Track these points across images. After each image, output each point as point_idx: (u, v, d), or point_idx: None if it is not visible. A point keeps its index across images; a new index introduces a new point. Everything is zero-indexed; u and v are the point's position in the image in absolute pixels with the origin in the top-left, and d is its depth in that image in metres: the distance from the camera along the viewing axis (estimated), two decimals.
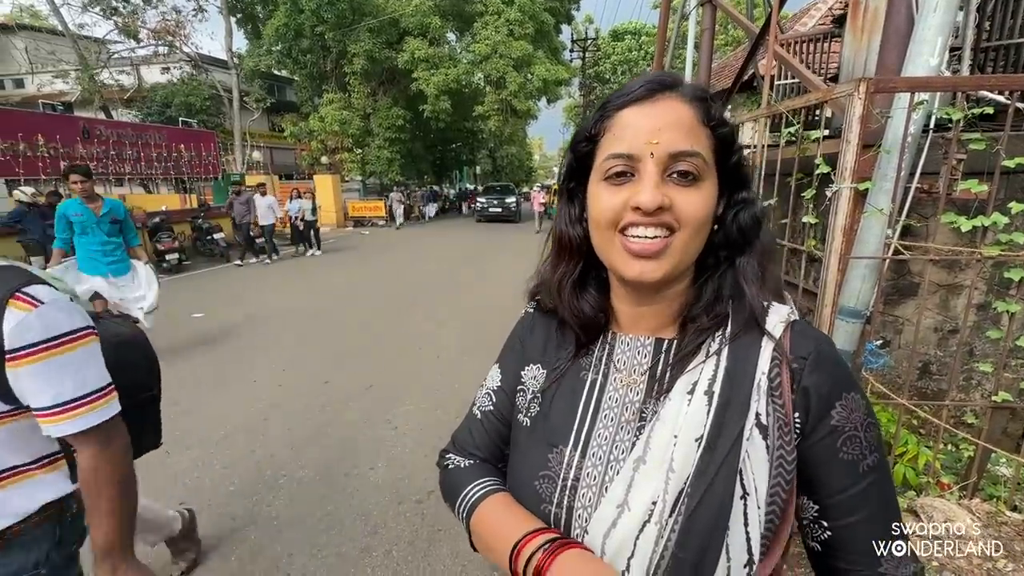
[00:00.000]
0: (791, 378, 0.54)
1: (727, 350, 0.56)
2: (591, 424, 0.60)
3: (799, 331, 0.57)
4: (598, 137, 0.57)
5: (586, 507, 0.56)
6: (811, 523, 0.56)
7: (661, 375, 0.59)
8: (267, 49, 18.83)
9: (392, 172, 20.31)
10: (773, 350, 0.55)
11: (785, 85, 5.11)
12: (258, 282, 8.48)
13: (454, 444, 0.76)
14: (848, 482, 0.53)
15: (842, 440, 0.53)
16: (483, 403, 0.73)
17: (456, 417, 3.45)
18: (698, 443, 0.52)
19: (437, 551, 2.23)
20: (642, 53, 27.89)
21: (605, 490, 0.55)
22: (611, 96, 0.58)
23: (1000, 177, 1.92)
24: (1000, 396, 1.95)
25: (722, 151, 0.56)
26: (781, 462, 0.52)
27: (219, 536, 2.30)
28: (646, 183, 0.52)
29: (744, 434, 0.52)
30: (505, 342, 0.76)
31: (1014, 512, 2.18)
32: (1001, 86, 1.90)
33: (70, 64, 17.65)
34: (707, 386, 0.55)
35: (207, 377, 4.21)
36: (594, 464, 0.57)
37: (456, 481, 0.69)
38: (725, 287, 0.58)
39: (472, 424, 0.74)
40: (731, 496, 0.50)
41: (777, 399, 0.53)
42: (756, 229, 0.58)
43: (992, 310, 2.49)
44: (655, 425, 0.55)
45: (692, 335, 0.58)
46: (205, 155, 13.08)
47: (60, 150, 9.39)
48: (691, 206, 0.53)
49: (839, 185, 1.85)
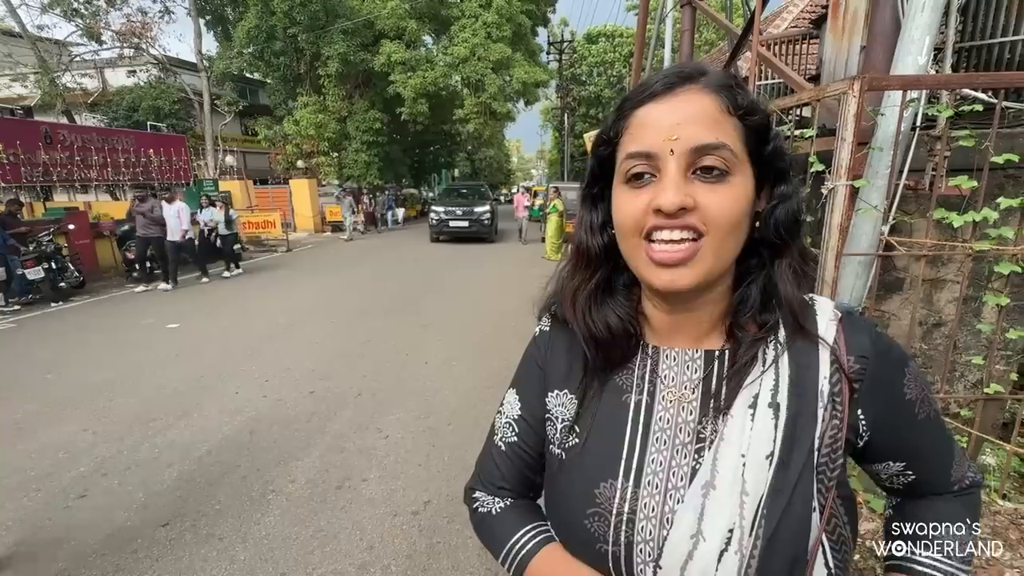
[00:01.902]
0: (850, 381, 0.52)
1: (785, 357, 0.53)
2: (642, 450, 0.56)
3: (850, 326, 0.55)
4: (617, 139, 0.54)
5: (647, 540, 0.51)
6: (896, 475, 0.60)
7: (716, 390, 0.55)
8: (238, 51, 18.39)
9: (370, 175, 19.99)
10: (831, 354, 0.52)
11: (764, 86, 5.19)
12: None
13: (480, 480, 0.70)
14: (929, 436, 0.59)
15: (918, 405, 0.56)
16: (505, 433, 0.68)
17: (448, 425, 3.41)
18: (769, 460, 0.49)
19: (437, 564, 2.16)
20: (617, 55, 28.18)
21: (667, 521, 0.51)
22: (629, 94, 0.54)
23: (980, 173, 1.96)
24: (992, 387, 1.98)
25: (756, 141, 0.51)
26: (824, 469, 0.50)
27: (206, 558, 2.20)
28: (667, 182, 0.48)
29: (815, 445, 0.50)
30: (519, 365, 0.70)
31: (1004, 500, 2.23)
32: (989, 84, 1.94)
33: (29, 67, 16.91)
34: (770, 398, 0.51)
35: (186, 390, 4.04)
36: (651, 494, 0.53)
37: (496, 529, 0.66)
38: (771, 290, 0.54)
39: (496, 456, 0.69)
40: (809, 513, 0.48)
41: (838, 406, 0.51)
42: (795, 226, 0.54)
43: (975, 303, 2.55)
44: (720, 446, 0.51)
45: (747, 344, 0.54)
46: (176, 160, 12.69)
47: (20, 156, 8.97)
48: (719, 206, 0.48)
49: (835, 182, 1.86)
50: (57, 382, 4.27)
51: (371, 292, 7.90)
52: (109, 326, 6.09)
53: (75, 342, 5.38)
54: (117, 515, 2.49)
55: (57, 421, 3.51)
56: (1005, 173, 2.36)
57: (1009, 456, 2.15)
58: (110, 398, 3.90)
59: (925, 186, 2.34)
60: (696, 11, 5.40)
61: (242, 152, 22.24)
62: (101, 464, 2.95)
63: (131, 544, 2.28)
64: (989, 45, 2.40)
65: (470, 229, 14.18)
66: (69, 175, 10.03)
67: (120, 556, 2.21)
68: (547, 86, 24.60)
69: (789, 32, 5.82)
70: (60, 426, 3.43)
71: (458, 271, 9.88)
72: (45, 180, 9.67)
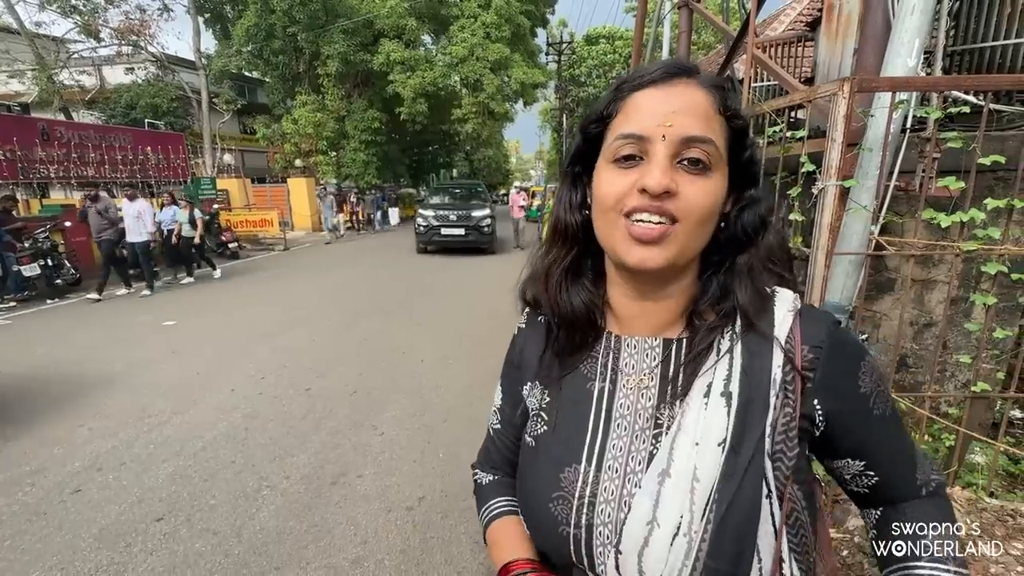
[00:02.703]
0: (800, 371, 0.53)
1: (739, 347, 0.54)
2: (604, 436, 0.57)
3: (807, 317, 0.56)
4: (610, 118, 0.55)
5: (606, 523, 0.53)
6: (858, 475, 0.59)
7: (674, 377, 0.57)
8: (237, 50, 18.37)
9: (368, 175, 19.97)
10: (785, 342, 0.54)
11: (759, 87, 5.22)
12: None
13: (479, 459, 0.80)
14: (886, 433, 0.58)
15: (872, 400, 0.56)
16: (492, 421, 0.76)
17: (444, 422, 3.42)
18: (721, 447, 0.51)
19: (431, 559, 2.18)
20: (617, 56, 28.25)
21: (625, 504, 0.53)
22: (626, 77, 0.56)
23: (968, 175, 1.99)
24: (979, 386, 2.01)
25: (735, 144, 0.54)
26: (781, 455, 0.51)
27: (200, 552, 2.21)
28: (655, 165, 0.50)
29: (766, 431, 0.51)
30: (504, 358, 0.75)
31: (991, 498, 2.26)
32: (976, 87, 1.97)
33: (26, 64, 16.85)
34: (723, 387, 0.53)
35: (181, 387, 4.05)
36: (611, 478, 0.55)
37: (480, 495, 0.76)
38: (730, 283, 0.56)
39: (488, 441, 0.78)
40: (759, 497, 0.49)
41: (790, 394, 0.52)
42: (761, 229, 0.57)
43: (965, 303, 2.58)
44: (677, 436, 0.53)
45: (703, 333, 0.56)
46: (173, 158, 12.67)
47: (17, 152, 8.96)
48: (698, 195, 0.50)
49: (825, 183, 1.88)
50: (53, 378, 4.27)
51: (366, 294, 7.90)
52: (105, 323, 6.08)
53: (71, 339, 5.37)
54: (111, 509, 2.50)
55: (53, 417, 3.52)
56: (994, 175, 2.40)
57: (996, 453, 2.18)
58: (106, 394, 3.90)
59: (915, 187, 2.37)
60: (693, 13, 5.43)
61: (240, 151, 22.21)
62: (96, 459, 2.96)
63: (125, 538, 2.29)
64: (980, 49, 2.43)
65: (467, 238, 11.34)
66: (66, 172, 10.02)
67: (115, 550, 2.22)
68: (545, 87, 24.65)
69: (785, 35, 5.85)
70: (56, 422, 3.43)
71: (451, 272, 9.87)
72: (42, 177, 9.65)
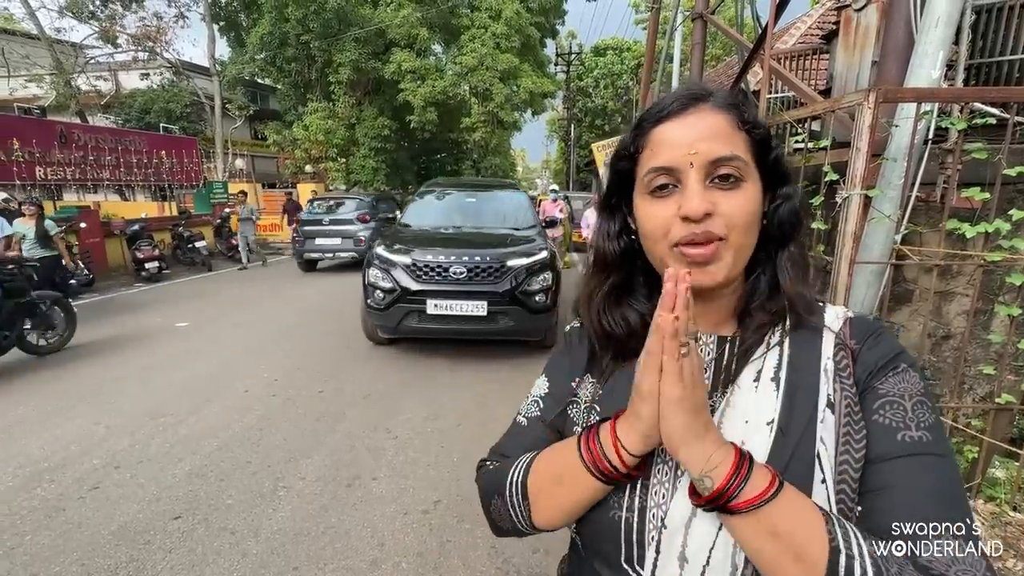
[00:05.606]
0: (853, 359, 0.56)
1: (788, 341, 0.58)
2: None
3: (857, 321, 0.59)
4: (637, 154, 0.59)
5: (659, 504, 0.54)
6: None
7: (727, 367, 0.60)
8: (250, 57, 18.62)
9: (377, 181, 20.13)
10: (836, 336, 0.57)
11: (774, 99, 5.25)
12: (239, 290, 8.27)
13: (492, 452, 0.74)
14: (882, 449, 0.49)
15: (881, 403, 0.52)
16: (529, 410, 0.72)
17: (458, 426, 3.42)
18: (770, 427, 0.53)
19: (448, 562, 2.18)
20: (625, 67, 28.41)
21: (678, 484, 0.54)
22: (645, 113, 0.60)
23: (992, 187, 1.99)
24: (1004, 398, 2.00)
25: (761, 151, 0.58)
26: (849, 439, 0.52)
27: (219, 551, 2.21)
28: (691, 192, 0.54)
29: (817, 416, 0.53)
30: (551, 355, 0.77)
31: (1016, 512, 2.24)
32: (1002, 98, 1.98)
33: (44, 68, 17.17)
34: (772, 374, 0.56)
35: (196, 388, 4.07)
36: (663, 460, 0.56)
37: (499, 473, 0.66)
38: (777, 281, 0.60)
39: (514, 431, 0.72)
40: (810, 481, 0.50)
41: (845, 379, 0.55)
42: (796, 223, 0.60)
43: (984, 316, 2.56)
44: (726, 411, 0.56)
45: (753, 330, 0.59)
46: (186, 162, 12.83)
47: (36, 155, 9.10)
48: (736, 208, 0.54)
49: (849, 192, 1.89)
50: (69, 377, 4.31)
51: None
52: (119, 323, 6.14)
53: (86, 339, 5.42)
54: (130, 507, 2.51)
55: (69, 415, 3.54)
56: (1016, 187, 2.40)
57: (1021, 466, 2.16)
58: (121, 393, 3.93)
59: (936, 198, 2.37)
60: (707, 25, 5.48)
61: (251, 156, 22.48)
62: (113, 457, 2.98)
63: (144, 535, 2.30)
64: (999, 62, 2.45)
65: (495, 324, 4.43)
66: (82, 175, 10.15)
67: (134, 547, 2.23)
68: (554, 97, 24.80)
69: (797, 47, 5.89)
70: (72, 420, 3.46)
71: None
72: (59, 179, 9.79)
